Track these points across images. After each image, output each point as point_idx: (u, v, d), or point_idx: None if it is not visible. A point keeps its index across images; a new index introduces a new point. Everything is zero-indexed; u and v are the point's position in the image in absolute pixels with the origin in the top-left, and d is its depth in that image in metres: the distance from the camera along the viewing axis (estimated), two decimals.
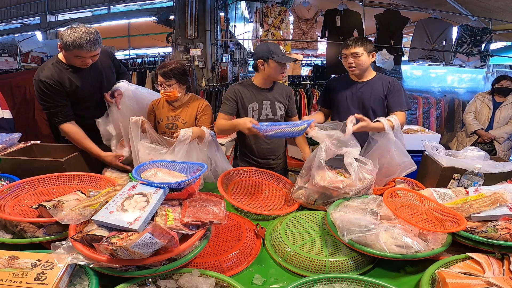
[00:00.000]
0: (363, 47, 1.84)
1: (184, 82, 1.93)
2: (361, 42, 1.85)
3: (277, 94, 1.99)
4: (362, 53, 1.84)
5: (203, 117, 1.95)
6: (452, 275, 0.97)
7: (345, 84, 2.00)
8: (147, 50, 7.54)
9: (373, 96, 1.92)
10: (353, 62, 1.86)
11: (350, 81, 1.98)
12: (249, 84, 1.98)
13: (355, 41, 1.85)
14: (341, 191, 1.45)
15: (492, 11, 4.64)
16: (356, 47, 1.83)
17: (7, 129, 2.31)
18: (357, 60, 1.85)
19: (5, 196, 1.32)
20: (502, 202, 1.22)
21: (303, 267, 1.14)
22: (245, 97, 1.95)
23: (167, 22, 5.05)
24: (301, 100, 4.34)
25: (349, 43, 1.86)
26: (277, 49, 1.84)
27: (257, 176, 1.87)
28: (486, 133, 3.32)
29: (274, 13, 4.18)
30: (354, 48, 1.83)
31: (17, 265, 0.92)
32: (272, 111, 1.98)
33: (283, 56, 1.84)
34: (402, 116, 1.86)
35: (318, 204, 1.55)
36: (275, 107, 1.98)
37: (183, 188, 1.20)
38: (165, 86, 1.87)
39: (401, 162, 1.72)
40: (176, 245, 0.98)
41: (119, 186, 1.18)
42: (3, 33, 6.69)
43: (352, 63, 1.87)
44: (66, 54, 1.70)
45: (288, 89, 2.08)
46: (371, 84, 1.93)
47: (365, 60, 1.86)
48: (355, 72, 1.91)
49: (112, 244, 0.90)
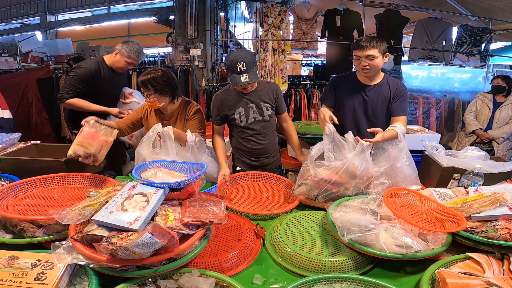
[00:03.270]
0: (378, 49, 1.73)
1: (165, 93, 1.82)
2: (376, 43, 1.73)
3: (262, 95, 1.93)
4: (378, 55, 1.75)
5: (190, 122, 1.92)
6: (452, 275, 0.97)
7: (352, 85, 1.91)
8: (147, 50, 7.52)
9: (380, 101, 1.87)
10: (367, 64, 1.76)
11: (357, 83, 1.90)
12: (232, 90, 1.93)
13: (369, 42, 1.73)
14: (341, 186, 1.44)
15: (492, 11, 4.63)
16: (371, 49, 1.72)
17: (6, 129, 2.31)
18: (372, 63, 1.75)
19: (6, 195, 1.33)
20: (502, 202, 1.22)
21: (303, 267, 1.14)
22: (229, 105, 1.91)
23: (167, 22, 5.05)
24: (301, 100, 4.34)
25: (363, 44, 1.74)
26: (234, 69, 1.72)
27: (256, 179, 1.88)
28: (484, 133, 3.32)
29: (274, 13, 4.17)
30: (370, 50, 1.72)
31: (17, 265, 0.92)
32: (259, 113, 1.94)
33: (233, 81, 1.77)
34: (404, 122, 1.83)
35: (319, 200, 1.54)
36: (262, 109, 1.93)
37: (183, 188, 1.20)
38: (145, 96, 1.80)
39: (408, 175, 1.66)
40: (176, 245, 0.98)
41: (119, 186, 1.18)
42: (3, 33, 6.69)
43: (367, 66, 1.76)
44: (119, 59, 2.29)
45: (274, 85, 2.01)
46: (380, 88, 1.86)
47: (379, 62, 1.77)
48: (368, 74, 1.82)
49: (112, 244, 0.90)
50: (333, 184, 1.49)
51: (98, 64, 2.29)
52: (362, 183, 1.49)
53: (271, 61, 4.16)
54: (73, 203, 1.24)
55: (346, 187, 1.48)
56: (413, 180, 1.70)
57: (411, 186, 1.65)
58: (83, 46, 5.25)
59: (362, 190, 1.53)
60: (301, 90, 4.38)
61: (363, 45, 1.74)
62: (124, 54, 2.25)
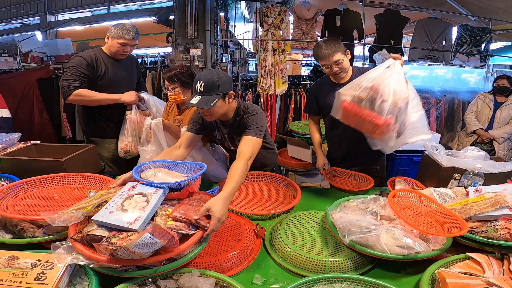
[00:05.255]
0: (340, 51, 1.75)
1: (189, 86, 1.93)
2: (335, 46, 1.73)
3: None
4: (343, 57, 1.76)
5: (188, 116, 1.93)
6: (452, 275, 0.97)
7: (329, 88, 1.91)
8: (147, 50, 7.51)
9: None
10: (338, 69, 1.78)
11: (333, 84, 1.90)
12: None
13: (330, 48, 1.72)
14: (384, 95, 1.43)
15: (492, 11, 4.63)
16: (335, 54, 1.73)
17: (5, 128, 2.31)
18: (341, 66, 1.78)
19: (6, 195, 1.33)
20: (502, 204, 1.21)
21: (303, 267, 1.14)
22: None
23: (167, 22, 5.04)
24: (301, 100, 4.34)
25: (326, 53, 1.72)
26: (194, 86, 1.51)
27: (256, 179, 1.87)
28: (485, 133, 3.32)
29: (274, 13, 4.17)
30: (334, 56, 1.73)
31: (17, 265, 0.92)
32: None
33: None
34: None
35: (366, 105, 1.50)
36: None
37: (183, 188, 1.20)
38: (170, 89, 1.92)
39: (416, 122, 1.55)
40: (176, 245, 0.98)
41: (113, 189, 1.18)
42: (3, 33, 6.68)
43: (338, 70, 1.79)
44: (112, 43, 2.09)
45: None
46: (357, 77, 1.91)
47: (346, 62, 1.80)
48: (341, 76, 1.84)
49: (112, 244, 0.90)
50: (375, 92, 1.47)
51: (94, 52, 2.12)
52: (400, 100, 1.45)
53: (271, 61, 4.17)
54: (73, 203, 1.24)
55: (384, 100, 1.44)
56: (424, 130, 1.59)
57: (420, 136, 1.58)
58: (83, 46, 5.24)
59: (397, 110, 1.48)
60: (301, 90, 4.39)
61: (325, 54, 1.73)
62: (114, 35, 2.06)
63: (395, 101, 1.48)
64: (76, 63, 2.03)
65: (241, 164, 1.38)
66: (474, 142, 3.40)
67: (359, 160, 2.03)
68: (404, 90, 1.52)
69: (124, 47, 2.10)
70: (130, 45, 2.12)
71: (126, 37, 2.06)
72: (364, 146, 1.70)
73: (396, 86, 1.50)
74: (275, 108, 4.32)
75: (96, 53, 2.12)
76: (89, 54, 2.09)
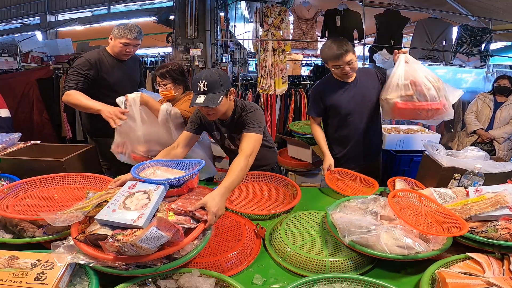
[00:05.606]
0: (351, 51, 1.75)
1: (180, 82, 1.97)
2: (347, 46, 1.73)
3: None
4: (354, 57, 1.77)
5: (180, 102, 1.97)
6: (452, 275, 0.97)
7: (337, 87, 1.91)
8: (147, 50, 7.51)
9: (371, 86, 1.91)
10: (349, 69, 1.78)
11: (341, 83, 1.90)
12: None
13: (343, 48, 1.72)
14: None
15: (492, 11, 4.63)
16: (347, 54, 1.73)
17: (4, 128, 2.31)
18: (352, 66, 1.77)
19: (6, 195, 1.33)
20: (502, 204, 1.21)
21: (303, 267, 1.14)
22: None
23: (167, 22, 5.04)
24: (301, 100, 4.34)
25: (338, 53, 1.73)
26: (195, 86, 1.49)
27: (256, 179, 1.87)
28: (485, 133, 3.32)
29: (274, 13, 4.17)
30: (347, 56, 1.73)
31: (17, 265, 0.92)
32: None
33: (192, 101, 1.49)
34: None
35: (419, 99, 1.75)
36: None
37: (182, 184, 1.21)
38: (162, 85, 1.95)
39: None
40: (181, 238, 0.98)
41: (112, 190, 1.19)
42: (3, 33, 6.68)
43: (349, 70, 1.78)
44: (114, 43, 2.10)
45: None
46: (361, 77, 1.91)
47: (356, 61, 1.79)
48: (351, 75, 1.84)
49: (118, 241, 0.90)
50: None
51: (99, 53, 2.13)
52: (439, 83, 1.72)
53: (271, 61, 4.16)
54: (73, 203, 1.24)
55: (427, 87, 1.72)
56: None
57: (456, 94, 1.88)
58: (83, 46, 5.25)
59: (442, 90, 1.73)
60: (301, 90, 4.38)
61: (339, 54, 1.73)
62: (117, 35, 2.07)
63: (435, 85, 1.74)
64: (78, 64, 2.04)
65: (242, 160, 1.38)
66: (475, 142, 3.40)
67: (360, 160, 2.03)
68: (431, 72, 1.77)
69: (126, 47, 2.10)
70: (133, 45, 2.12)
71: (128, 36, 2.06)
72: (366, 146, 1.72)
73: (425, 72, 1.76)
74: (275, 108, 4.32)
75: (100, 54, 2.13)
76: (93, 55, 2.10)
